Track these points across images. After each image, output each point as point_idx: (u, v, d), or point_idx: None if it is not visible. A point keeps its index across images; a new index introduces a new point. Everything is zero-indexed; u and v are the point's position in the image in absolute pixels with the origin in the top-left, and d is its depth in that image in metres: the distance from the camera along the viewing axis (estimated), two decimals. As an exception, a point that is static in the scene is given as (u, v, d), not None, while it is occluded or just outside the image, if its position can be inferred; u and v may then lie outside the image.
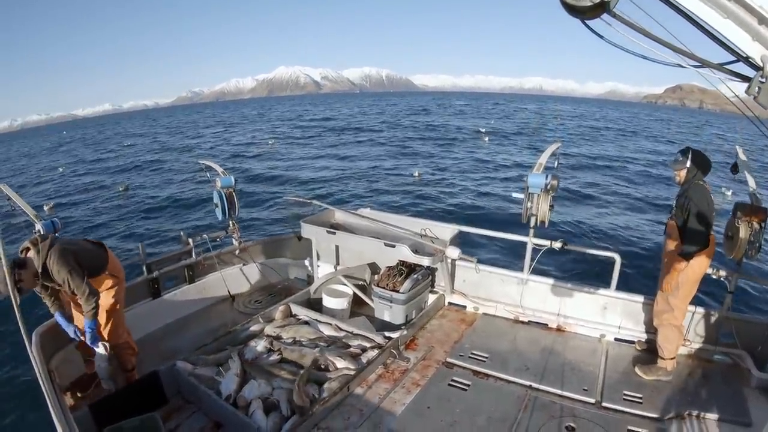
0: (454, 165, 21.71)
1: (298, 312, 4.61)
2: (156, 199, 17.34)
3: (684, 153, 3.62)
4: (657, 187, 17.81)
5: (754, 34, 1.34)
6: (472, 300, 4.99)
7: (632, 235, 12.40)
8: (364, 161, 23.46)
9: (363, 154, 25.79)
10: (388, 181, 18.38)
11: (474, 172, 19.81)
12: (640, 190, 17.36)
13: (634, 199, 15.86)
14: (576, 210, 13.98)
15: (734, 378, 3.76)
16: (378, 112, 63.55)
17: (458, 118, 50.94)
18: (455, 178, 18.55)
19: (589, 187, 17.08)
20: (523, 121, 47.48)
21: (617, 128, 45.61)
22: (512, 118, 53.32)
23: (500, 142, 30.51)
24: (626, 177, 19.71)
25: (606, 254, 4.72)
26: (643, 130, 44.74)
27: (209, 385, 3.41)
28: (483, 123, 42.29)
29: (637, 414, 3.36)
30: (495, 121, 46.81)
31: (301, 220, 5.16)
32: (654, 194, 16.49)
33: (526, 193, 4.33)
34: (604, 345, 4.31)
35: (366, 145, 29.73)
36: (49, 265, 3.16)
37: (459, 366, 3.98)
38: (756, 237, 3.61)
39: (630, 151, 28.02)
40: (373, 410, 3.38)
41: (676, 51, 1.47)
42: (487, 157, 23.72)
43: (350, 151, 27.49)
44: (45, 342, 3.46)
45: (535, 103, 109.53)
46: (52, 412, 2.61)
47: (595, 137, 35.51)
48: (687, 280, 3.60)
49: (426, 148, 26.90)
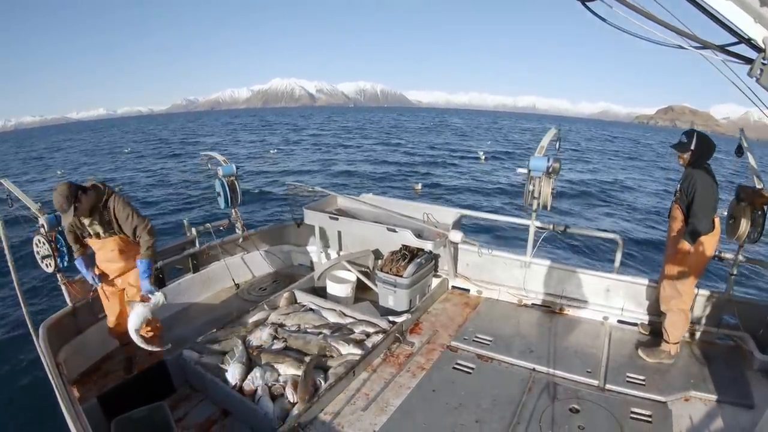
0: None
1: (303, 299, 4.63)
2: (158, 192, 17.39)
3: (689, 135, 3.57)
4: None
5: (756, 16, 1.32)
6: (475, 284, 5.00)
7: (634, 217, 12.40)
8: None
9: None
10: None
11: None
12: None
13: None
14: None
15: (737, 360, 3.77)
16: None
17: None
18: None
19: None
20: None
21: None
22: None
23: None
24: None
25: (609, 236, 4.72)
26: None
27: (216, 373, 3.44)
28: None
29: (640, 396, 3.39)
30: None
31: (304, 206, 5.15)
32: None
33: (528, 177, 4.31)
34: (607, 327, 4.33)
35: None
36: (113, 202, 3.47)
37: (463, 349, 4.01)
38: (758, 221, 3.59)
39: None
40: (378, 394, 3.41)
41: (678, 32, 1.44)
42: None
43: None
44: (52, 335, 3.49)
45: (551, 122, 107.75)
46: (61, 405, 2.64)
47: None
48: (693, 264, 3.58)
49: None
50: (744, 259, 3.97)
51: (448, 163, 27.86)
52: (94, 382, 3.72)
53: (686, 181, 3.55)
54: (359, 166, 25.35)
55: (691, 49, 1.47)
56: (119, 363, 3.94)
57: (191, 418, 3.23)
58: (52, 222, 3.69)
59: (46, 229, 3.68)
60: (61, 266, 3.78)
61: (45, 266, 3.78)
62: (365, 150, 33.61)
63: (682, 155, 3.59)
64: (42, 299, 7.70)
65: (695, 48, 1.48)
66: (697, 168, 3.52)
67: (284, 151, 33.65)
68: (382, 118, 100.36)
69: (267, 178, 21.13)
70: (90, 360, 3.94)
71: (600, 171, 27.07)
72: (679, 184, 3.66)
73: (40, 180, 23.58)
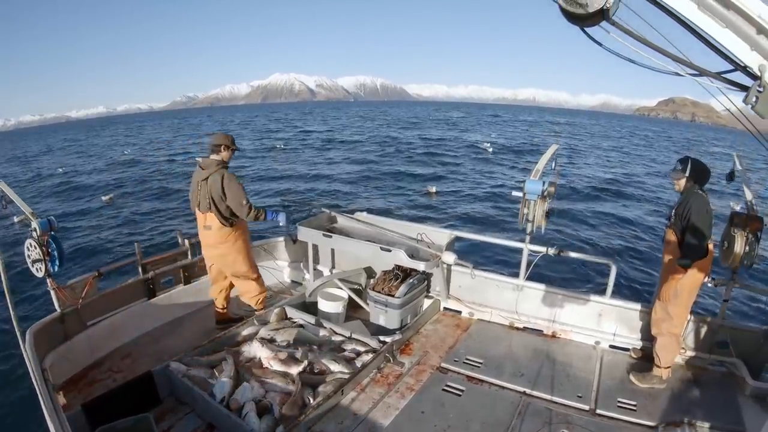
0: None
1: (293, 315, 4.59)
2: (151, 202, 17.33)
3: (683, 162, 3.64)
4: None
5: (752, 44, 1.36)
6: (467, 305, 4.99)
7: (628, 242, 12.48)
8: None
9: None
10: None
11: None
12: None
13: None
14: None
15: (729, 386, 3.77)
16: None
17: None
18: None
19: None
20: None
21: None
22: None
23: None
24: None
25: (602, 261, 4.74)
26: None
27: (203, 386, 3.39)
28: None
29: (631, 421, 3.37)
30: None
31: (298, 223, 5.15)
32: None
33: (522, 199, 4.34)
34: (599, 352, 4.32)
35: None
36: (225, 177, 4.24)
37: (453, 371, 3.98)
38: (751, 246, 3.63)
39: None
40: (366, 414, 3.36)
41: (675, 59, 1.48)
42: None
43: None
44: (39, 341, 3.44)
45: (552, 115, 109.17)
46: (45, 412, 2.59)
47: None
48: (685, 289, 3.61)
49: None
50: (737, 285, 4.00)
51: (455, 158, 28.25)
52: (80, 389, 3.66)
53: (681, 206, 3.60)
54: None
55: (688, 75, 1.51)
56: (106, 371, 3.88)
57: (176, 431, 3.17)
58: (44, 226, 3.66)
59: (38, 232, 3.65)
60: (52, 271, 3.74)
61: (36, 270, 3.73)
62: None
63: (678, 181, 3.65)
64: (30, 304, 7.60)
65: (691, 75, 1.52)
66: (693, 193, 3.58)
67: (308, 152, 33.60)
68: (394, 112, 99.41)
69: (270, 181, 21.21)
70: (76, 367, 3.88)
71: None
72: (674, 209, 3.71)
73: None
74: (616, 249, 11.82)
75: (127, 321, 4.36)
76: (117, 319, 4.30)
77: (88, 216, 15.88)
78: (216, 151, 4.32)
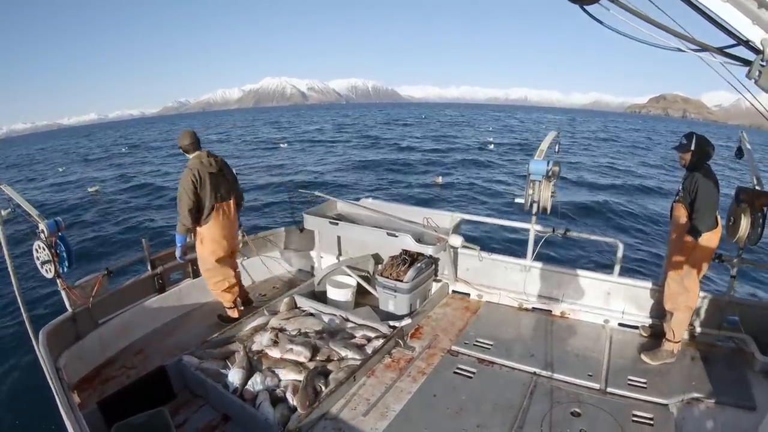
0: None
1: (303, 304, 4.62)
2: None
3: (688, 137, 3.62)
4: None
5: (754, 18, 1.33)
6: (475, 288, 5.00)
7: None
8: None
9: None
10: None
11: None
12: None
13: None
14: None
15: (738, 362, 3.77)
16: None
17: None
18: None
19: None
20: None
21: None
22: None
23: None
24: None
25: (609, 240, 4.72)
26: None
27: (216, 378, 3.43)
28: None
29: (641, 399, 3.38)
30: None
31: (304, 211, 5.15)
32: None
33: (528, 180, 4.32)
34: (608, 331, 4.32)
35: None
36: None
37: (464, 354, 4.00)
38: (758, 222, 3.60)
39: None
40: (379, 399, 3.40)
41: (676, 35, 1.45)
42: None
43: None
44: (52, 341, 3.48)
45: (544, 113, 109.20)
46: (61, 411, 2.63)
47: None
48: (698, 259, 3.61)
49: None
50: (744, 261, 3.97)
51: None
52: (94, 387, 3.70)
53: (688, 180, 3.61)
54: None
55: (690, 51, 1.48)
56: (119, 368, 3.93)
57: (192, 424, 3.22)
58: (52, 227, 3.68)
59: (46, 234, 3.66)
60: (61, 272, 3.76)
61: (45, 272, 3.76)
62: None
63: (684, 156, 3.64)
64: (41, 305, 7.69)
65: (693, 50, 1.49)
66: (698, 168, 3.59)
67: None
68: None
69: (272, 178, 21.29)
70: (90, 366, 3.92)
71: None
72: (681, 185, 3.72)
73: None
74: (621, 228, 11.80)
75: (138, 317, 4.40)
76: (128, 316, 4.33)
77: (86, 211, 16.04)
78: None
